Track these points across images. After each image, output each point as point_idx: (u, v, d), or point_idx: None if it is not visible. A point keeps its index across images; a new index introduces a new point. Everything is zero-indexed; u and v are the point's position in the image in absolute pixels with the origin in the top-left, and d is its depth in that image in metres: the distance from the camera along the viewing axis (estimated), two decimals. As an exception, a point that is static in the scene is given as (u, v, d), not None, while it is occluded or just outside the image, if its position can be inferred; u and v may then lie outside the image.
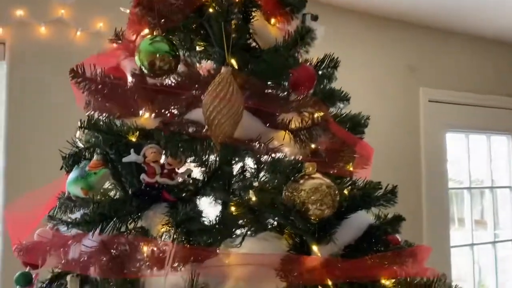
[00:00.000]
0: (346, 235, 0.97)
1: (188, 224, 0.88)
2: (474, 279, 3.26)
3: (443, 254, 2.99)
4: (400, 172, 2.71)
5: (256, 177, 1.11)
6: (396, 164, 2.74)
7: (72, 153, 1.08)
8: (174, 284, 0.85)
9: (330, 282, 0.87)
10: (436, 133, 3.09)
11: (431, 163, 3.01)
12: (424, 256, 1.08)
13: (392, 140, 2.82)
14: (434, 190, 3.01)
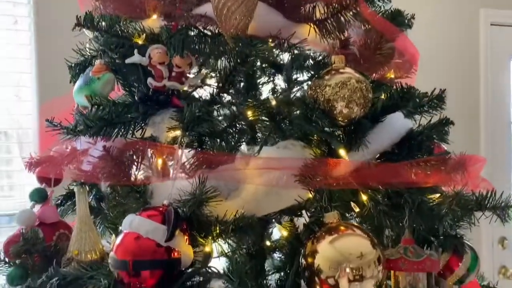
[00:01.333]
0: (380, 140, 0.84)
1: (197, 126, 0.78)
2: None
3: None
4: (456, 104, 2.45)
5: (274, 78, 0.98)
6: (451, 95, 2.48)
7: (79, 62, 1.00)
8: (183, 189, 0.77)
9: (359, 187, 0.75)
10: (498, 61, 2.77)
11: (491, 94, 2.72)
12: (477, 168, 0.92)
13: (447, 68, 2.55)
14: (494, 123, 2.74)
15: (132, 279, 0.71)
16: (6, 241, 0.92)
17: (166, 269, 0.71)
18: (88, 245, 0.87)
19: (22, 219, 0.95)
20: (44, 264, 0.89)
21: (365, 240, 0.72)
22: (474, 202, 0.90)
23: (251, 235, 0.72)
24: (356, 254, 0.70)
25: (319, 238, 0.73)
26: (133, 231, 0.72)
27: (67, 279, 0.79)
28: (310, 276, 0.73)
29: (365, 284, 0.70)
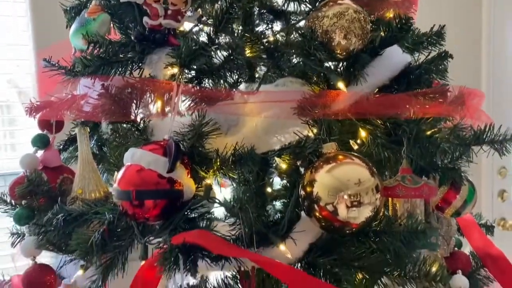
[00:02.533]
0: (379, 73, 0.84)
1: (193, 61, 0.78)
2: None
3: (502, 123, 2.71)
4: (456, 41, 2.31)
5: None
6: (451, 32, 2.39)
7: (74, 6, 0.99)
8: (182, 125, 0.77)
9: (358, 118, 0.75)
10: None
11: (493, 28, 2.56)
12: (477, 102, 0.92)
13: (447, 4, 2.43)
14: (495, 59, 2.59)
15: (136, 210, 0.73)
16: (11, 184, 0.94)
17: (168, 199, 0.73)
18: (91, 185, 0.89)
19: (25, 162, 0.96)
20: (49, 205, 0.91)
21: (363, 168, 0.73)
22: (472, 136, 0.91)
23: (251, 166, 0.73)
24: (354, 181, 0.72)
25: (317, 167, 0.75)
26: (135, 163, 0.73)
27: (72, 215, 0.81)
28: (309, 204, 0.74)
29: (362, 210, 0.72)
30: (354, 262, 0.76)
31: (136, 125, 0.83)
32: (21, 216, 0.89)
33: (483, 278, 1.07)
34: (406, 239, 0.72)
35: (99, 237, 0.74)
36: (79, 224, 0.81)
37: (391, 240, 0.72)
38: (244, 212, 0.71)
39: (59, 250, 0.83)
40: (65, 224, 0.80)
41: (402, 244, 0.71)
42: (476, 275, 1.07)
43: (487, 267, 1.06)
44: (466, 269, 1.03)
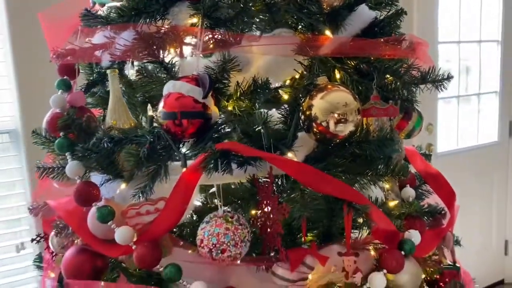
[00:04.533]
0: (354, 25, 1.08)
1: (215, 12, 0.97)
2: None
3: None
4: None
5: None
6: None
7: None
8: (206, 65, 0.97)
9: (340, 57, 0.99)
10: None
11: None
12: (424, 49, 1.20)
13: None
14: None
15: (176, 128, 0.92)
16: (48, 119, 1.08)
17: (202, 119, 0.93)
18: (123, 117, 1.06)
19: (56, 101, 1.11)
20: (80, 137, 1.07)
21: (348, 94, 0.97)
22: (419, 76, 1.20)
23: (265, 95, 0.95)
24: (342, 103, 0.96)
25: (313, 95, 0.98)
26: (176, 91, 0.92)
27: (115, 139, 0.98)
28: (308, 123, 0.98)
29: (347, 125, 0.97)
30: (339, 168, 1.01)
31: (164, 65, 1.01)
32: (63, 145, 1.04)
33: (424, 191, 1.39)
34: (378, 145, 0.98)
35: (145, 151, 0.93)
36: (119, 147, 0.99)
37: (367, 146, 0.98)
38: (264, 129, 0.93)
39: (103, 170, 1.00)
40: (110, 146, 0.97)
41: (376, 148, 0.97)
42: (420, 189, 1.38)
43: (428, 183, 1.37)
44: (413, 184, 1.34)
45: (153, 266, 0.92)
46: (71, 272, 1.06)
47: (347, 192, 0.93)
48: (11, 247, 2.17)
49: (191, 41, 1.01)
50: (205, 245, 0.89)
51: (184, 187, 0.92)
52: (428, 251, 1.17)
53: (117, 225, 0.97)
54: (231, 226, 0.89)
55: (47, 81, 2.03)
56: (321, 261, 0.96)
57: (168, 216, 0.94)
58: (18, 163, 2.14)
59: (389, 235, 1.04)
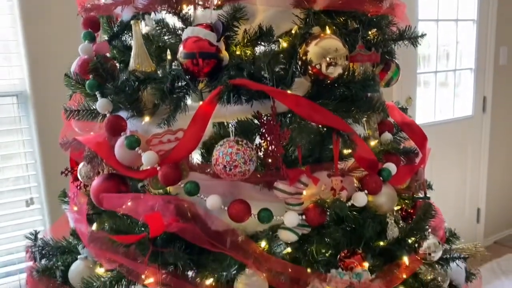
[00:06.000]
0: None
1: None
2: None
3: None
4: None
5: None
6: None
7: None
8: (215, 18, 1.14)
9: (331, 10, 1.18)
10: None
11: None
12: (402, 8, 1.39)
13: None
14: None
15: (194, 67, 1.10)
16: (79, 63, 1.24)
17: (216, 60, 1.11)
18: (145, 62, 1.23)
19: (84, 49, 1.27)
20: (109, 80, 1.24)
21: (338, 42, 1.16)
22: (398, 33, 1.39)
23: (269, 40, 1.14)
24: (333, 49, 1.15)
25: (308, 42, 1.16)
26: (194, 35, 1.10)
27: (140, 79, 1.16)
28: (304, 67, 1.16)
29: (337, 68, 1.15)
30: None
31: (181, 16, 1.18)
32: (93, 85, 1.20)
33: (401, 138, 1.60)
34: (362, 85, 1.17)
35: (168, 86, 1.11)
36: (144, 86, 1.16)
37: (354, 86, 1.17)
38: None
39: (129, 106, 1.18)
40: (136, 85, 1.15)
41: (361, 88, 1.17)
42: (397, 136, 1.59)
43: (403, 130, 1.58)
44: (391, 131, 1.55)
45: (175, 183, 1.11)
46: (99, 196, 1.24)
47: (335, 121, 1.13)
48: (21, 202, 2.32)
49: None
50: (220, 163, 1.07)
51: (201, 117, 1.10)
52: (402, 182, 1.38)
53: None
54: (241, 147, 1.08)
55: (55, 44, 2.18)
56: (313, 181, 1.16)
57: (187, 142, 1.12)
58: (27, 123, 2.28)
59: (370, 163, 1.25)
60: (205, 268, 1.10)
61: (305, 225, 1.16)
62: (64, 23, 2.18)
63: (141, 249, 1.09)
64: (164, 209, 1.07)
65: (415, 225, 1.30)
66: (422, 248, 1.27)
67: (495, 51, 3.91)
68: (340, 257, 1.23)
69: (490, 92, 3.99)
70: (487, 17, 3.83)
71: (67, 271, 1.34)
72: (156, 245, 1.09)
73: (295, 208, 1.15)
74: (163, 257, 1.08)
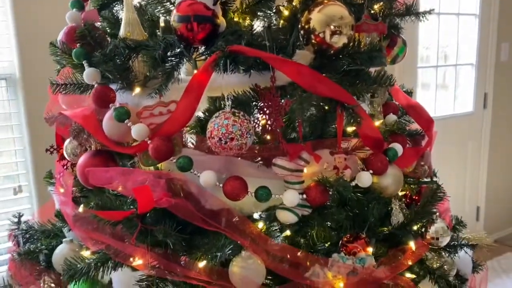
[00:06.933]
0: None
1: None
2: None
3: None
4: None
5: None
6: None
7: None
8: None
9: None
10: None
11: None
12: None
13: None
14: None
15: (188, 33, 1.02)
16: (66, 31, 1.16)
17: (212, 25, 1.03)
18: (136, 30, 1.15)
19: (72, 17, 1.19)
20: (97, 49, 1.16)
21: (344, 9, 1.08)
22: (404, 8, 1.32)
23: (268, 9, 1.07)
24: (338, 16, 1.07)
25: (311, 9, 1.09)
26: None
27: (131, 46, 1.08)
28: (307, 36, 1.09)
29: (341, 37, 1.08)
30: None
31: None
32: (80, 53, 1.12)
33: (406, 121, 1.53)
34: (369, 57, 1.10)
35: (160, 53, 1.03)
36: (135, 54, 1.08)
37: (359, 56, 1.09)
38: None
39: (118, 75, 1.10)
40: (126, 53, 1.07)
41: (367, 59, 1.09)
42: (403, 119, 1.52)
43: (408, 113, 1.51)
44: (396, 113, 1.47)
45: (167, 157, 1.03)
46: (86, 173, 1.16)
47: (340, 93, 1.05)
48: (9, 190, 2.23)
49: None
50: (215, 135, 0.99)
51: (196, 87, 1.02)
52: (408, 164, 1.31)
53: (132, 124, 1.07)
54: (238, 119, 1.00)
55: (46, 25, 2.10)
56: (315, 158, 1.08)
57: (181, 114, 1.04)
58: (16, 108, 2.20)
59: (375, 142, 1.17)
60: (198, 249, 1.02)
61: (306, 206, 1.08)
62: (56, 2, 2.10)
63: (129, 227, 1.01)
64: (154, 184, 0.99)
65: (422, 209, 1.23)
66: (429, 232, 1.19)
67: (496, 47, 3.86)
68: (342, 241, 1.15)
69: (491, 88, 3.93)
70: (489, 13, 3.77)
71: (51, 255, 1.26)
72: (145, 223, 1.01)
73: (295, 187, 1.07)
74: (152, 236, 1.00)
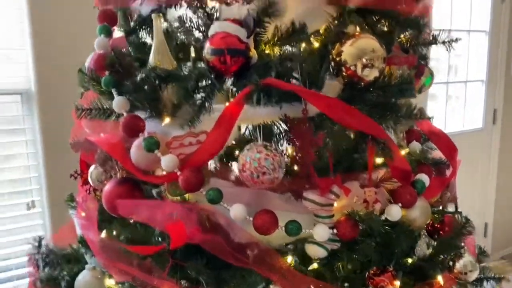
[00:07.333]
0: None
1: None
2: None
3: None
4: None
5: None
6: None
7: None
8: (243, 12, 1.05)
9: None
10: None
11: None
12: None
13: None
14: None
15: (221, 66, 1.01)
16: (95, 58, 1.16)
17: (245, 58, 1.02)
18: (165, 59, 1.14)
19: (101, 44, 1.19)
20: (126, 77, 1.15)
21: (375, 41, 1.08)
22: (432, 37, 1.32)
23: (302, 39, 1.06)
24: (369, 50, 1.06)
25: (343, 42, 1.08)
26: (222, 31, 1.01)
27: (162, 76, 1.07)
28: (338, 68, 1.08)
29: (373, 70, 1.07)
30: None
31: (207, 10, 1.10)
32: (109, 81, 1.12)
33: (429, 148, 1.52)
34: (400, 89, 1.09)
35: (193, 84, 1.02)
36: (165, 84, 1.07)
37: (390, 89, 1.09)
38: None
39: (148, 105, 1.09)
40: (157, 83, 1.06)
41: (398, 92, 1.09)
42: (424, 146, 1.51)
43: (431, 140, 1.50)
44: (418, 140, 1.46)
45: (197, 189, 1.02)
46: (112, 202, 1.15)
47: (372, 126, 1.04)
48: (22, 205, 2.22)
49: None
50: (247, 169, 0.99)
51: (228, 119, 1.02)
52: (434, 194, 1.30)
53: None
54: (270, 153, 0.99)
55: (62, 41, 2.10)
56: (345, 191, 1.07)
57: (211, 145, 1.03)
58: (30, 123, 2.19)
59: (403, 174, 1.16)
60: (227, 284, 1.01)
61: (335, 240, 1.07)
62: (73, 18, 2.10)
63: (159, 261, 1.00)
64: (185, 217, 0.98)
65: (449, 241, 1.22)
66: (457, 266, 1.18)
67: (506, 63, 3.86)
68: (369, 274, 1.14)
69: (501, 104, 3.92)
70: (499, 30, 3.78)
71: (73, 282, 1.24)
72: (175, 257, 0.99)
73: (325, 221, 1.06)
74: (182, 271, 0.99)
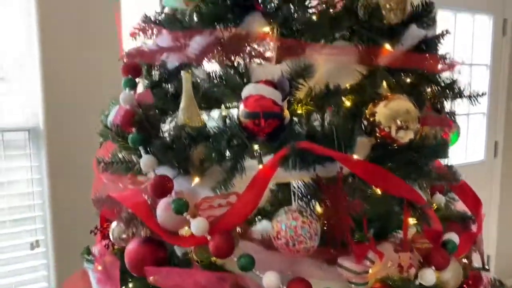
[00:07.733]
0: (409, 41, 1.18)
1: (287, 22, 1.05)
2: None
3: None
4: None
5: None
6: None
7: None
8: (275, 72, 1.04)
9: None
10: None
11: None
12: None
13: None
14: None
15: (255, 127, 0.99)
16: (122, 114, 1.13)
17: (279, 120, 1.00)
18: (194, 115, 1.12)
19: (126, 99, 1.16)
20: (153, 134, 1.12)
21: (409, 103, 1.07)
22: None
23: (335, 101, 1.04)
24: (403, 111, 1.05)
25: (376, 103, 1.07)
26: (257, 93, 0.99)
27: (192, 136, 1.04)
28: (371, 128, 1.06)
29: (408, 132, 1.06)
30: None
31: (238, 70, 1.08)
32: (137, 140, 1.09)
33: (451, 199, 1.49)
34: (434, 150, 1.07)
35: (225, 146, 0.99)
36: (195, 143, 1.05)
37: (424, 151, 1.07)
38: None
39: (177, 164, 1.06)
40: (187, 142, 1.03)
41: (432, 153, 1.07)
42: (447, 197, 1.49)
43: (454, 192, 1.48)
44: (441, 192, 1.44)
45: (229, 255, 0.98)
46: (135, 262, 1.10)
47: (408, 192, 1.02)
48: (25, 245, 2.16)
49: (261, 49, 1.08)
50: (283, 237, 0.95)
51: (260, 181, 0.99)
52: (463, 252, 1.27)
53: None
54: (306, 219, 0.96)
55: (72, 79, 2.07)
56: (379, 256, 1.04)
57: (243, 208, 1.00)
58: (37, 161, 2.14)
59: (434, 235, 1.13)
60: None
61: (370, 307, 1.03)
62: (82, 57, 2.08)
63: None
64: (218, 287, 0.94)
65: (481, 303, 1.18)
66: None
67: (507, 96, 3.89)
68: None
69: (502, 137, 3.95)
70: (500, 63, 3.83)
71: None
72: (206, 330, 0.95)
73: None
74: None
